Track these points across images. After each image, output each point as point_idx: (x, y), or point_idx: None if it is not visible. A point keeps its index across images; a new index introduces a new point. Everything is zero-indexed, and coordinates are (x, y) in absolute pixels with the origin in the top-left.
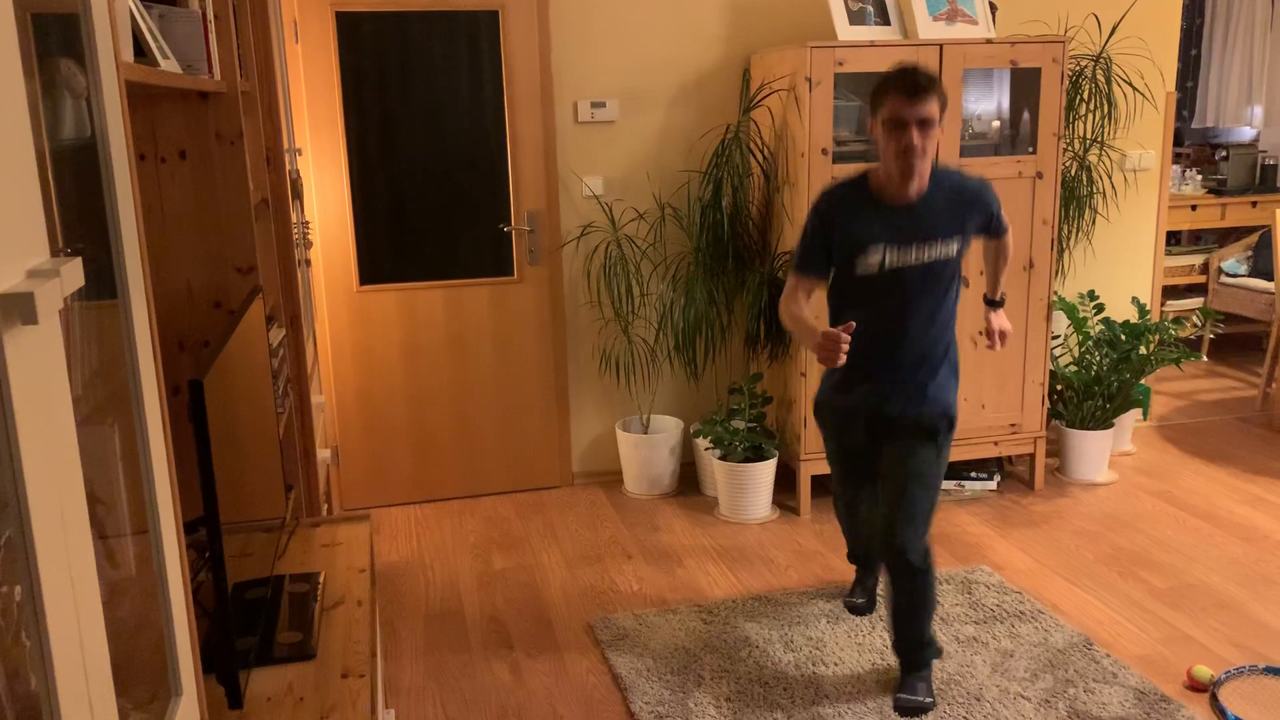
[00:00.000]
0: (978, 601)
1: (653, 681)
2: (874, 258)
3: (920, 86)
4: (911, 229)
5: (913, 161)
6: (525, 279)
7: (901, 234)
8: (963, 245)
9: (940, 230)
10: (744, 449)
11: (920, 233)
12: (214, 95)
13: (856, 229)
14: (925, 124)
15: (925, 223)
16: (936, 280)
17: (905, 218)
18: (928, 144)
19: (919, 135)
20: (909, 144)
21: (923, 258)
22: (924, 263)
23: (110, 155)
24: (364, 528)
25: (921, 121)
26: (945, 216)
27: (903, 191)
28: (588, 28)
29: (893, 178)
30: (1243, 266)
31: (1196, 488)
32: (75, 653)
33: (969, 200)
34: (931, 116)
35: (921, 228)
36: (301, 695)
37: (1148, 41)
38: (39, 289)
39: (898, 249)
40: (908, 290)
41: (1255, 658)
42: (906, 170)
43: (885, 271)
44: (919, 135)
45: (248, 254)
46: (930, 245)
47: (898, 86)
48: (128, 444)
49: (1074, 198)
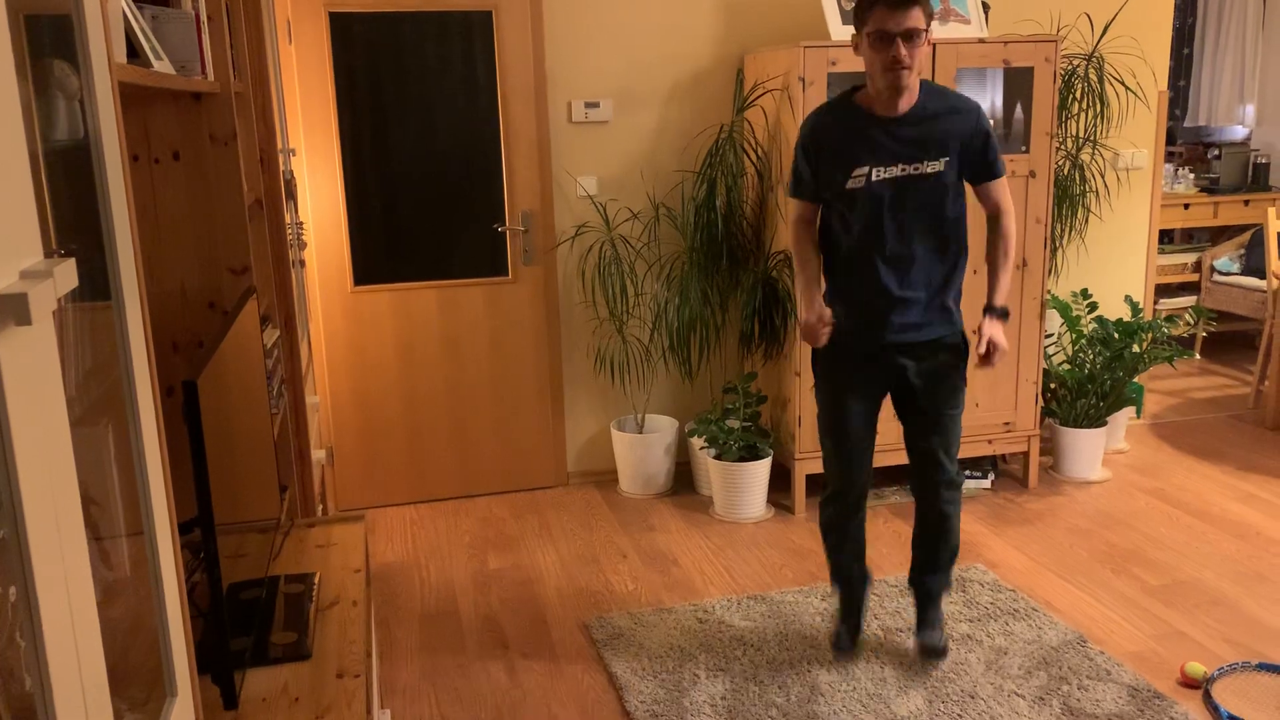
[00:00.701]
0: (972, 599)
1: (648, 681)
2: (860, 172)
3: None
4: (898, 143)
5: (900, 74)
6: (520, 279)
7: (888, 148)
8: (954, 164)
9: (929, 144)
10: (739, 448)
11: (907, 146)
12: (207, 96)
13: (843, 147)
14: (911, 35)
15: (913, 136)
16: (929, 197)
17: (893, 132)
18: (915, 55)
19: (906, 47)
20: (896, 56)
21: (909, 172)
22: (913, 176)
23: (103, 156)
24: (359, 528)
25: (907, 33)
26: (934, 130)
27: (891, 106)
28: (581, 28)
29: (880, 93)
30: (1235, 265)
31: (1190, 485)
32: (70, 654)
33: (958, 114)
34: (918, 27)
35: (909, 141)
36: (297, 696)
37: (1140, 40)
38: (32, 290)
39: (884, 164)
40: (898, 205)
41: (1248, 654)
42: (894, 84)
43: (873, 185)
44: (906, 47)
45: (242, 255)
46: (919, 159)
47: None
48: (122, 445)
49: (1067, 196)
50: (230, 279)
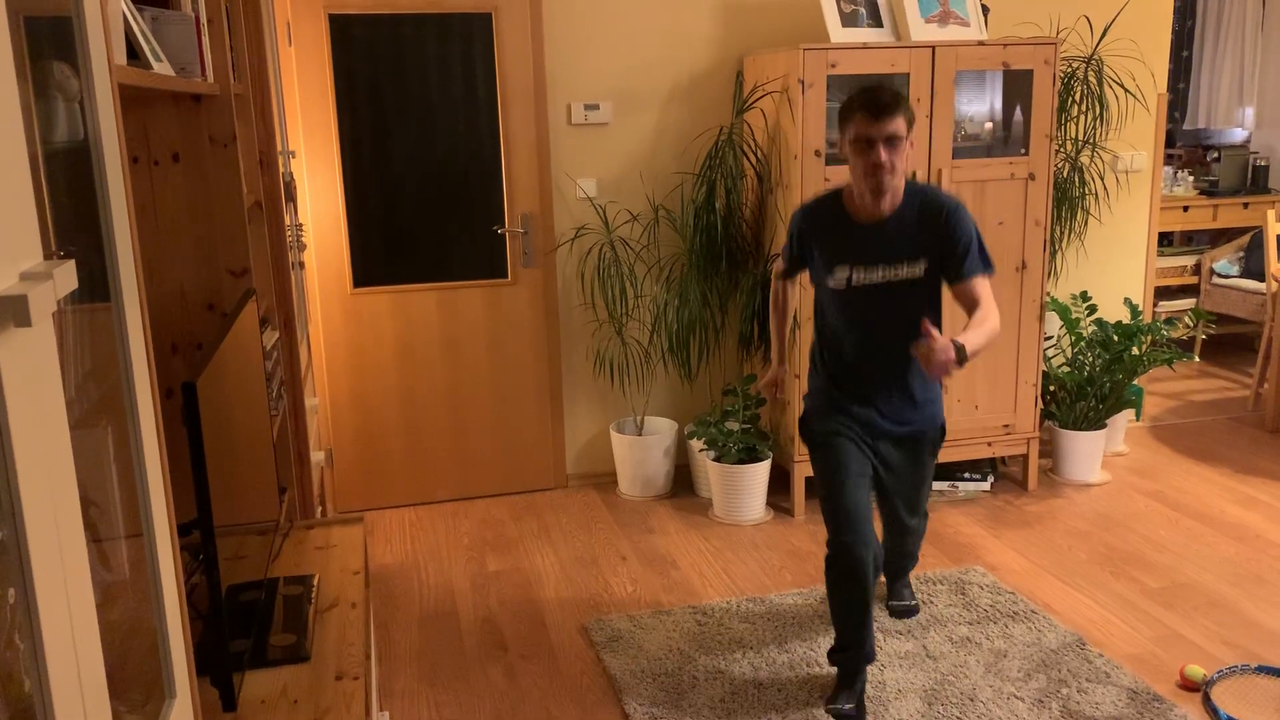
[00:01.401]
0: (971, 602)
1: (647, 683)
2: (841, 274)
3: (884, 106)
4: (878, 247)
5: (882, 179)
6: (519, 281)
7: (868, 252)
8: (932, 266)
9: (907, 248)
10: (738, 450)
11: (887, 250)
12: (207, 98)
13: (826, 246)
14: (892, 141)
15: (893, 241)
16: (907, 299)
17: (874, 235)
18: (896, 161)
19: (886, 153)
20: (877, 162)
21: (889, 276)
22: (891, 281)
23: (103, 158)
24: (358, 530)
25: (888, 139)
26: (913, 234)
27: (874, 209)
28: (581, 30)
29: (864, 195)
30: (1234, 267)
31: (1189, 488)
32: (69, 656)
33: (939, 219)
34: (898, 134)
35: (888, 246)
36: (296, 698)
37: (1139, 43)
38: (32, 291)
39: (865, 267)
40: (879, 307)
41: (1247, 657)
42: (876, 188)
43: (853, 288)
44: (886, 153)
45: (241, 256)
46: (897, 264)
47: (863, 106)
48: (121, 447)
49: (1066, 199)
50: (230, 281)
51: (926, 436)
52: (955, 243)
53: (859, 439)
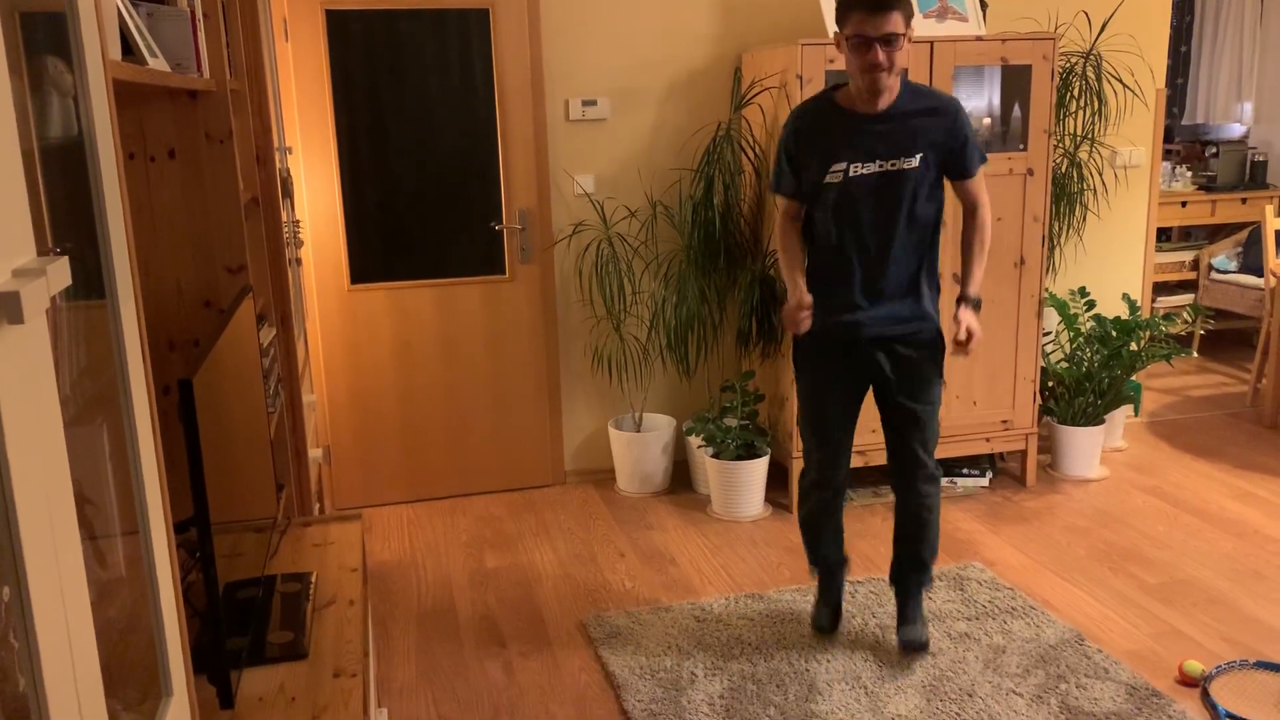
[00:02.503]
0: (970, 598)
1: (646, 680)
2: (838, 168)
3: (881, 2)
4: (876, 139)
5: (878, 78)
6: (517, 277)
7: (866, 144)
8: (931, 161)
9: (906, 141)
10: (736, 446)
11: (885, 143)
12: (203, 94)
13: (822, 143)
14: (890, 39)
15: (891, 134)
16: (906, 194)
17: (872, 129)
18: (893, 58)
19: (883, 51)
20: (874, 61)
21: (887, 167)
22: (889, 172)
23: (98, 154)
24: (356, 527)
25: (885, 38)
26: (911, 128)
27: (870, 104)
28: (579, 25)
29: (860, 93)
30: (1233, 263)
31: (1187, 483)
32: (64, 654)
33: (936, 113)
34: (895, 31)
35: (887, 138)
36: (293, 695)
37: (1138, 38)
38: (25, 288)
39: (862, 160)
40: (875, 202)
41: (1246, 652)
42: (873, 86)
43: (850, 181)
44: (883, 51)
45: (238, 253)
46: (895, 157)
47: (859, 3)
48: (117, 444)
49: (1065, 194)
50: (226, 277)
51: (923, 339)
52: (961, 138)
53: (851, 365)
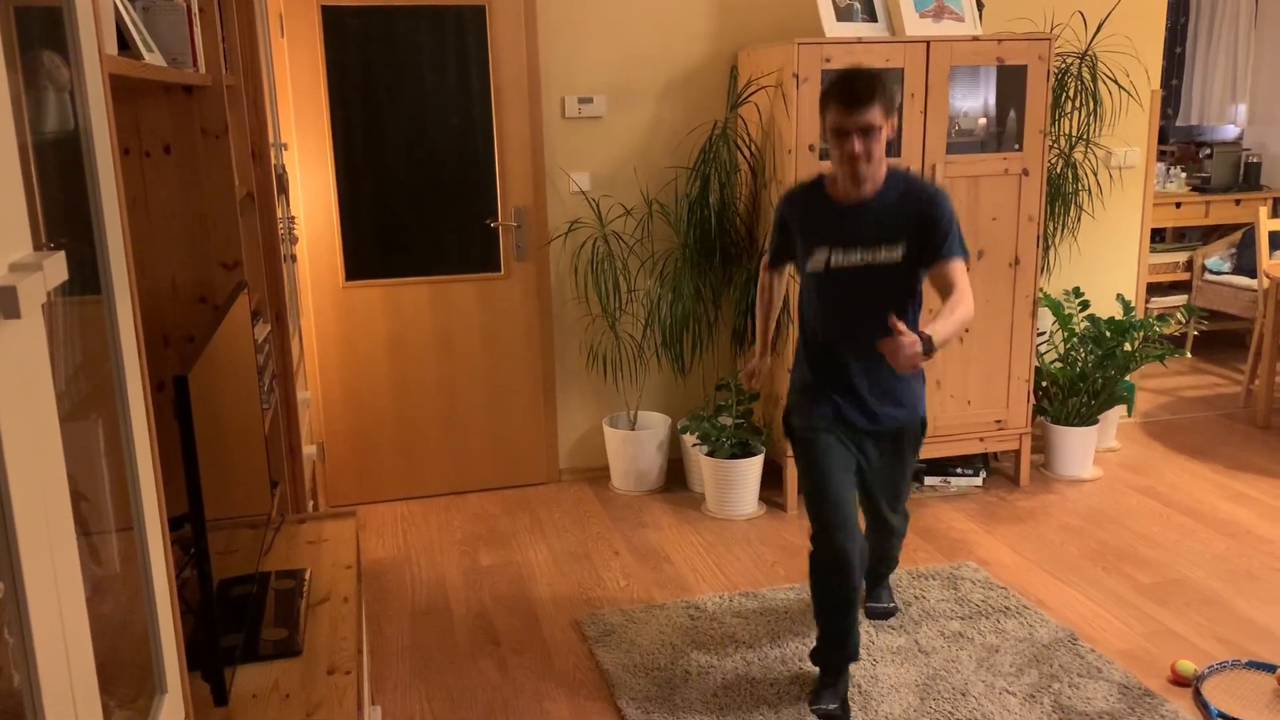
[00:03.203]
0: (963, 597)
1: (640, 678)
2: (820, 256)
3: (858, 96)
4: (857, 230)
5: (858, 168)
6: (512, 275)
7: (847, 235)
8: (910, 251)
9: (886, 232)
10: (731, 445)
11: (866, 234)
12: (199, 89)
13: (807, 228)
14: (867, 132)
15: (873, 225)
16: (886, 284)
17: (853, 219)
18: (872, 149)
19: (861, 142)
20: (852, 152)
21: (868, 259)
22: (869, 265)
23: (94, 149)
24: (350, 524)
25: (863, 129)
26: (893, 218)
27: (854, 193)
28: (575, 23)
29: (844, 181)
30: (1226, 264)
31: (1180, 483)
32: (59, 650)
33: (918, 201)
34: (873, 124)
35: (868, 229)
36: (287, 692)
37: (1133, 39)
38: (21, 283)
39: (843, 250)
40: (857, 293)
41: (1238, 652)
42: (853, 175)
43: (832, 271)
44: (861, 142)
45: (233, 249)
46: (875, 247)
47: (837, 97)
48: (112, 440)
49: (1060, 195)
50: (221, 273)
51: (907, 431)
52: (935, 226)
53: (841, 434)
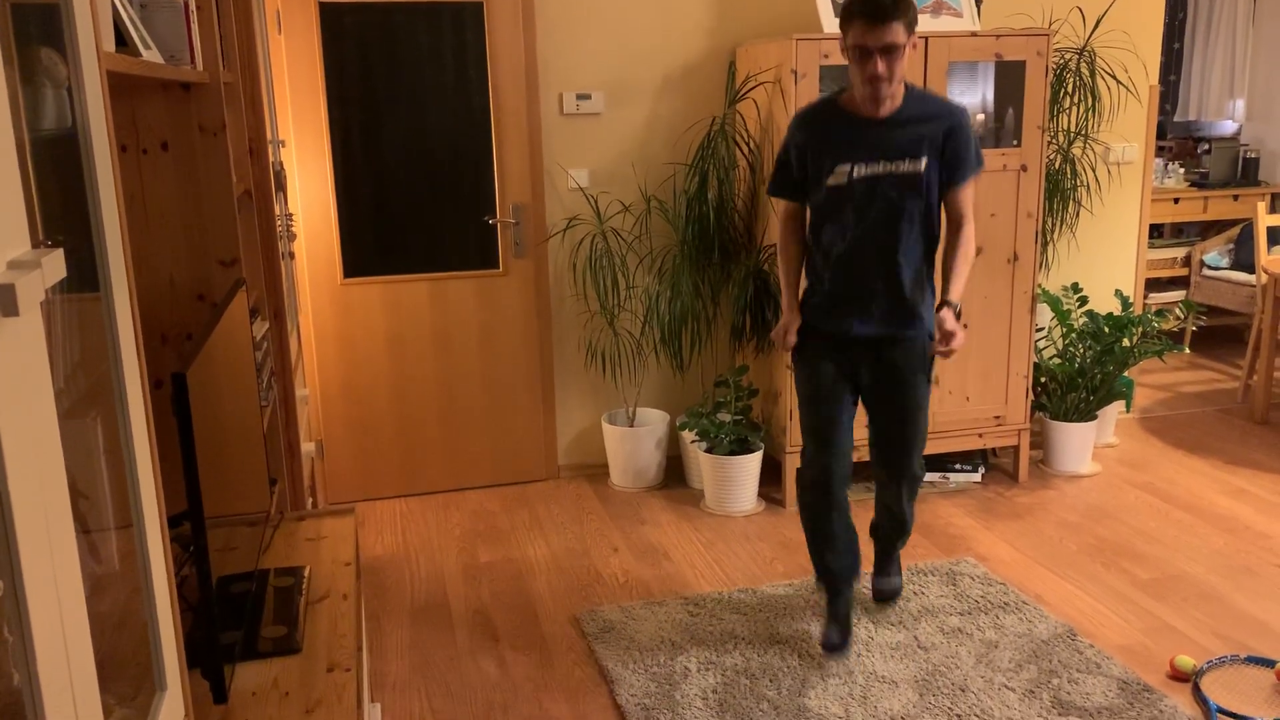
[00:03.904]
0: (962, 593)
1: (639, 674)
2: (842, 170)
3: (883, 11)
4: (880, 142)
5: (879, 88)
6: (510, 272)
7: (870, 147)
8: (932, 163)
9: (910, 144)
10: (730, 441)
11: (888, 146)
12: (196, 86)
13: (827, 144)
14: (889, 50)
15: (894, 137)
16: (907, 197)
17: (875, 132)
18: (894, 68)
19: (884, 61)
20: (874, 72)
21: (891, 170)
22: (892, 175)
23: (92, 146)
24: (349, 521)
25: (886, 48)
26: (915, 133)
27: (873, 111)
28: (573, 19)
29: (863, 99)
30: (1224, 259)
31: (1179, 479)
32: (59, 648)
33: (939, 118)
34: (895, 42)
35: (890, 142)
36: (287, 689)
37: (1131, 35)
38: (20, 280)
39: (866, 161)
40: (876, 205)
41: (1237, 647)
42: (874, 94)
43: (854, 183)
44: (884, 61)
45: (231, 246)
46: (898, 159)
47: (860, 12)
48: (111, 438)
49: (1058, 190)
50: (219, 271)
51: (917, 344)
52: (955, 141)
53: (845, 362)
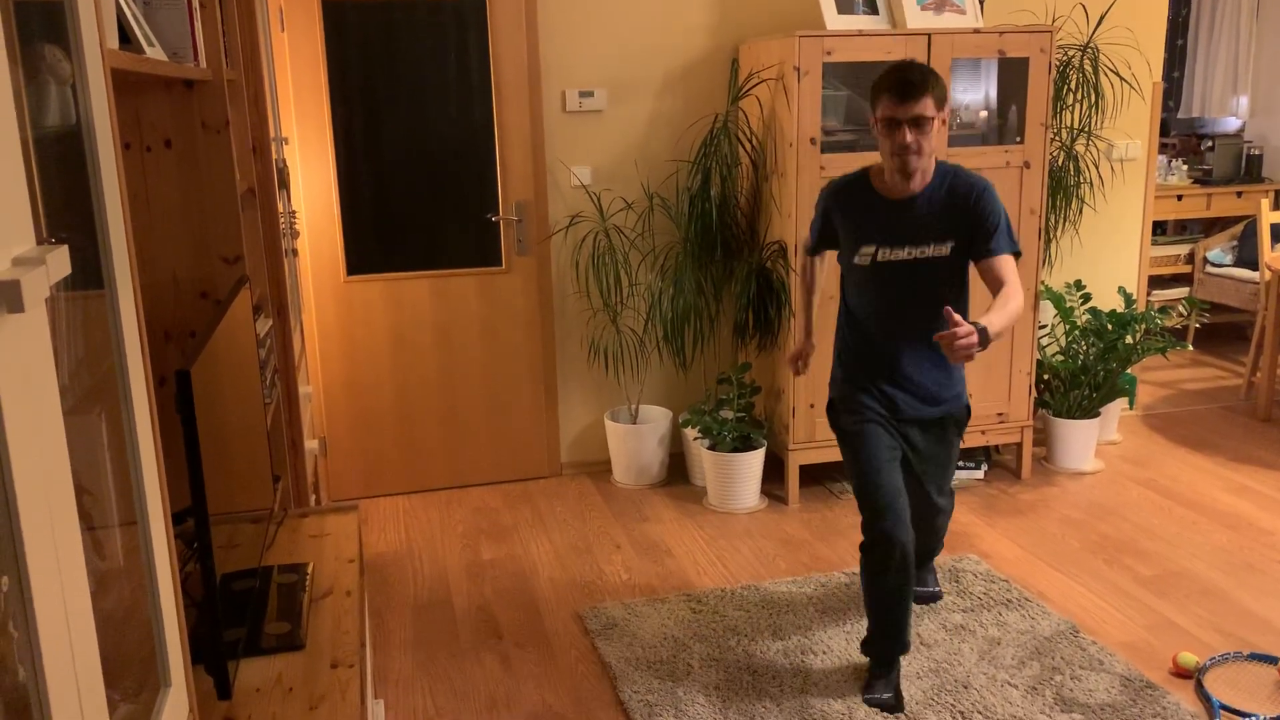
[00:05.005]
0: (965, 589)
1: (642, 670)
2: (867, 252)
3: (912, 86)
4: (905, 225)
5: (908, 160)
6: (513, 269)
7: (895, 230)
8: (959, 247)
9: (934, 228)
10: (732, 439)
11: (913, 229)
12: (200, 83)
13: (853, 223)
14: (919, 123)
15: (920, 219)
16: (933, 278)
17: (901, 213)
18: (923, 142)
19: (913, 134)
20: (903, 144)
21: (915, 255)
22: (917, 260)
23: (96, 143)
24: (352, 518)
25: (915, 120)
26: (941, 214)
27: (902, 188)
28: (575, 16)
29: (892, 175)
30: (1228, 256)
31: (1182, 476)
32: (64, 644)
33: (967, 196)
34: (925, 115)
35: (915, 224)
36: (290, 686)
37: (1135, 31)
38: (25, 277)
39: (890, 245)
40: (905, 285)
41: (1240, 644)
42: (903, 168)
43: (879, 265)
44: (913, 134)
45: (234, 243)
46: (923, 243)
47: (890, 87)
48: (115, 434)
49: (1061, 187)
50: (223, 268)
51: (952, 416)
52: (984, 221)
53: (886, 423)
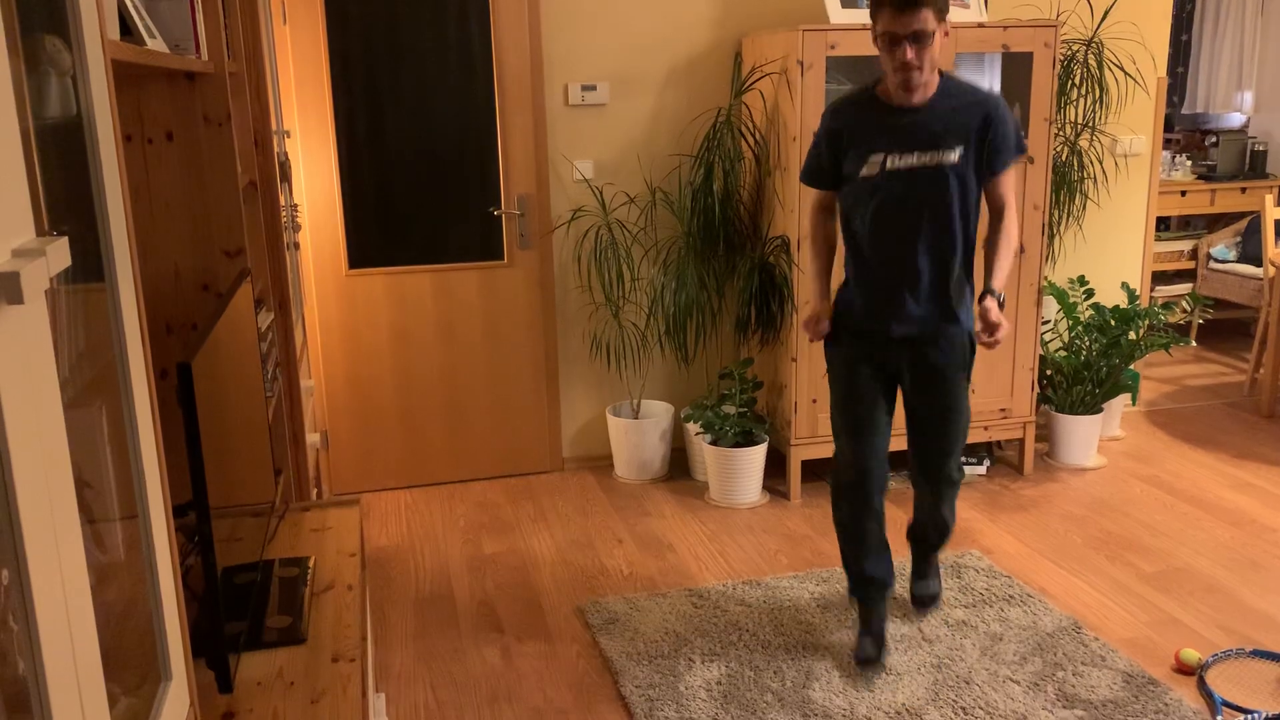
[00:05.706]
0: (967, 585)
1: (643, 665)
2: (875, 160)
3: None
4: (914, 132)
5: (910, 75)
6: (515, 263)
7: (904, 137)
8: (969, 156)
9: (944, 135)
10: (734, 434)
11: (923, 136)
12: (201, 76)
13: (860, 134)
14: (918, 38)
15: (929, 127)
16: (941, 187)
17: (909, 121)
18: (924, 56)
19: (913, 49)
20: (904, 59)
21: (925, 161)
22: (926, 166)
23: (97, 135)
24: (354, 512)
25: (915, 35)
26: (950, 123)
27: (906, 100)
28: (578, 10)
29: (895, 88)
30: (1231, 252)
31: (1184, 472)
32: (64, 638)
33: (975, 107)
34: (925, 29)
35: (924, 131)
36: (292, 679)
37: (1139, 26)
38: (25, 268)
39: (899, 152)
40: (912, 196)
41: (1242, 641)
42: (905, 83)
43: (887, 174)
44: (913, 49)
45: (236, 237)
46: (933, 149)
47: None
48: (116, 427)
49: (1065, 183)
50: (224, 261)
51: (956, 344)
52: (993, 130)
53: (883, 361)
